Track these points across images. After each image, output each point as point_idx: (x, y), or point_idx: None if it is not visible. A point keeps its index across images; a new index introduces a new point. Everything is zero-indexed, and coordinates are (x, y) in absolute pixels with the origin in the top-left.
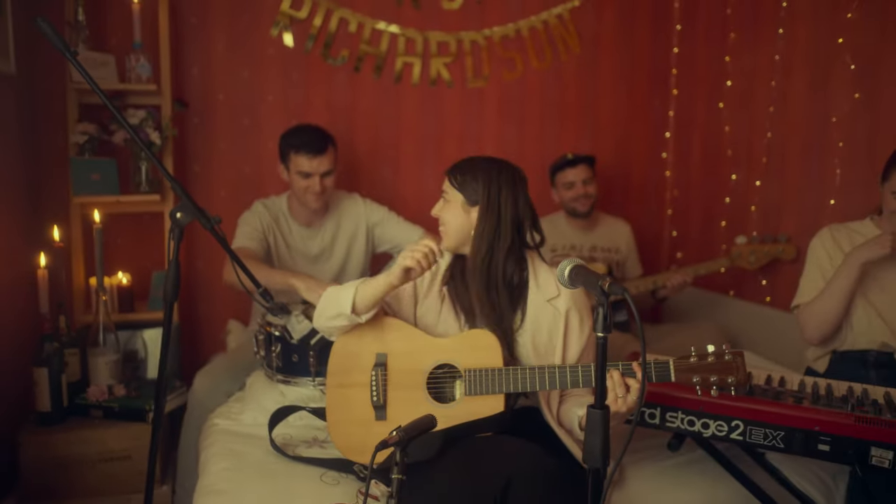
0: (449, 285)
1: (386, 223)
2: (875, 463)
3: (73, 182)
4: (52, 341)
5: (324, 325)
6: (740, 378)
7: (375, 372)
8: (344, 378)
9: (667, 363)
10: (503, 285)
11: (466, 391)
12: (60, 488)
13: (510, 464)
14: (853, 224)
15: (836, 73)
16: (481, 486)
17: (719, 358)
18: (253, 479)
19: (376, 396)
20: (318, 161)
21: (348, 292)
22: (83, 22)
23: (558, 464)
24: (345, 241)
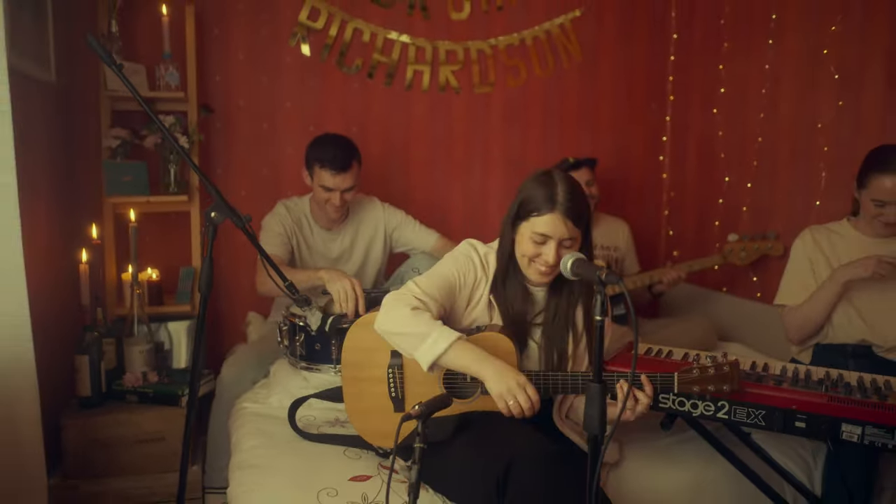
0: (496, 293)
1: (403, 227)
2: (846, 438)
3: (106, 183)
4: (92, 331)
5: (384, 334)
6: (734, 386)
7: (392, 369)
8: (359, 371)
9: (671, 377)
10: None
11: (483, 390)
12: (100, 467)
13: (513, 446)
14: (832, 225)
15: (822, 82)
16: (487, 466)
17: (718, 370)
18: (283, 454)
19: (394, 392)
20: (342, 178)
21: (436, 346)
22: (116, 34)
23: (558, 448)
24: (364, 243)
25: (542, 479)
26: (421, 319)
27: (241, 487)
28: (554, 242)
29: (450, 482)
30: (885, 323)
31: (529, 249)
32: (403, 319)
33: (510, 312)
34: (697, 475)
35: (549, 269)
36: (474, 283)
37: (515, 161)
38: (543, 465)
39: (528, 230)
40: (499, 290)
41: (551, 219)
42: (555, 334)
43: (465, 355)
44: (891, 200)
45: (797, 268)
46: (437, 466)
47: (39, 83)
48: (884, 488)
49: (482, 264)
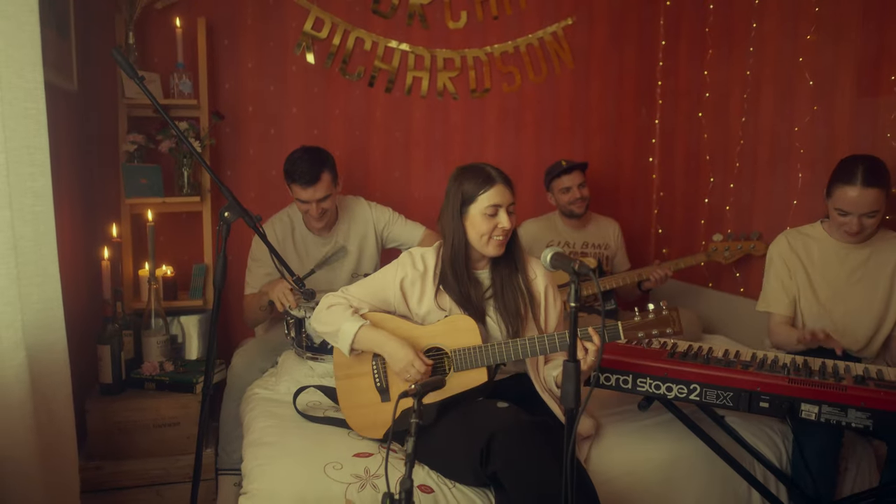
0: (445, 284)
1: (392, 224)
2: (804, 416)
3: (125, 186)
4: (113, 323)
5: (319, 333)
6: (676, 328)
7: (375, 361)
8: (349, 370)
9: (616, 325)
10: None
11: (455, 368)
12: (120, 449)
13: (493, 421)
14: (806, 228)
15: (798, 88)
16: (471, 440)
17: (658, 314)
18: (292, 434)
19: (379, 382)
20: (313, 190)
21: (349, 329)
22: (133, 45)
23: (534, 420)
24: (356, 244)
25: (521, 447)
26: (334, 314)
27: (254, 462)
28: (503, 210)
29: (439, 459)
30: (857, 327)
31: (485, 226)
32: (322, 317)
33: (463, 296)
34: (672, 453)
35: (505, 235)
36: (403, 279)
37: (510, 163)
38: (522, 435)
39: (479, 210)
40: (448, 280)
41: (497, 190)
42: (507, 302)
43: (371, 339)
44: (852, 211)
45: (776, 273)
46: (426, 446)
47: (63, 92)
48: (847, 468)
49: (413, 263)
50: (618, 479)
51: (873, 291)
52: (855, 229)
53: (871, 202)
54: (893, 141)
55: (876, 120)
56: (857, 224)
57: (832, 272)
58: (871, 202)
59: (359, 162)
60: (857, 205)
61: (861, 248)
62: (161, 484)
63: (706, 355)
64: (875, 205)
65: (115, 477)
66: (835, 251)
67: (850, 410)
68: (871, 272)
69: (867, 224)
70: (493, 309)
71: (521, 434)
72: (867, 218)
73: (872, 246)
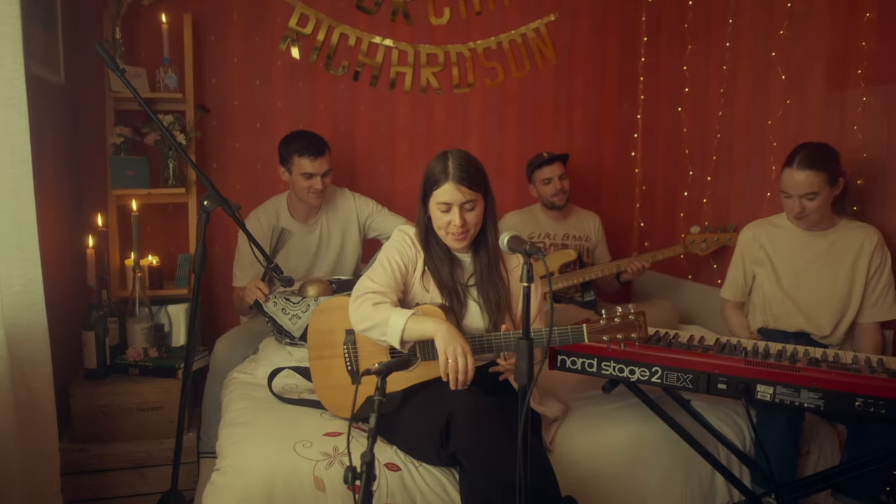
0: (429, 264)
1: (375, 215)
2: (760, 397)
3: (111, 177)
4: (98, 309)
5: (361, 332)
6: (642, 334)
7: (347, 345)
8: (322, 351)
9: (581, 329)
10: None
11: (422, 357)
12: (104, 432)
13: (451, 403)
14: (773, 218)
15: (771, 82)
16: (431, 421)
17: (624, 318)
18: (266, 414)
19: (350, 365)
20: (320, 162)
21: (398, 322)
22: (120, 40)
23: (490, 401)
24: (339, 233)
25: (478, 427)
26: (381, 311)
27: (228, 440)
28: (456, 207)
29: (404, 439)
30: (820, 314)
31: (440, 219)
32: (368, 315)
33: (442, 278)
34: (637, 436)
35: (459, 232)
36: (415, 259)
37: (493, 157)
38: (480, 415)
39: (434, 203)
40: (431, 260)
41: (448, 188)
42: (489, 289)
43: (422, 323)
44: (791, 193)
45: (737, 264)
46: (393, 426)
47: (50, 85)
48: (810, 451)
49: (412, 243)
50: (582, 461)
51: (835, 279)
52: (796, 210)
53: (806, 184)
54: (860, 133)
55: (844, 112)
56: (799, 206)
57: (795, 259)
58: (807, 184)
59: (344, 155)
60: (794, 186)
61: (824, 236)
62: (144, 466)
63: (669, 340)
64: (811, 187)
65: (100, 459)
66: (798, 239)
67: (803, 391)
68: (834, 260)
69: (808, 207)
70: (476, 296)
71: (479, 414)
72: (807, 200)
73: (836, 234)
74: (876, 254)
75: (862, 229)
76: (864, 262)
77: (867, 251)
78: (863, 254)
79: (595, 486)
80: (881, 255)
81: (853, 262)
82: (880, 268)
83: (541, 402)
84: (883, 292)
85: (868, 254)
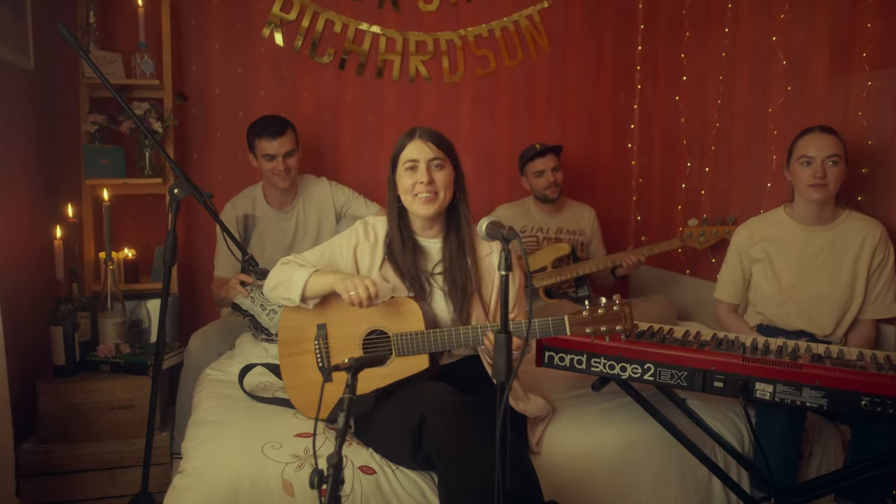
0: (390, 254)
1: (351, 202)
2: (759, 396)
3: (85, 166)
4: (67, 303)
5: (273, 299)
6: (627, 326)
7: (318, 341)
8: (293, 348)
9: (562, 319)
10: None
11: (396, 353)
12: (73, 432)
13: (425, 402)
14: (769, 214)
15: (772, 68)
16: (404, 422)
17: (608, 309)
18: (237, 413)
19: (321, 362)
20: (279, 142)
21: (300, 278)
22: (94, 24)
23: (466, 400)
24: (315, 220)
25: (452, 429)
26: (287, 268)
27: (193, 441)
28: (423, 164)
29: (378, 441)
30: (822, 313)
31: (407, 182)
32: (275, 274)
33: (404, 267)
34: (628, 437)
35: (428, 192)
36: (356, 248)
37: (485, 148)
38: (453, 416)
39: (402, 169)
40: (393, 249)
41: (414, 144)
42: (455, 278)
43: (324, 279)
44: (815, 155)
45: (730, 263)
46: (367, 428)
47: (18, 71)
48: (812, 453)
49: (366, 233)
50: (570, 462)
51: (837, 276)
52: (819, 175)
53: (831, 145)
54: (865, 119)
55: (848, 97)
56: (822, 170)
57: (795, 256)
58: (832, 145)
59: (328, 145)
60: (819, 147)
61: (825, 231)
62: (115, 468)
63: (663, 335)
64: (836, 148)
65: (68, 461)
66: (798, 234)
67: (805, 389)
68: (835, 256)
69: (830, 173)
70: (442, 283)
71: (452, 415)
72: (830, 164)
73: (837, 228)
74: (879, 249)
75: (864, 223)
76: (865, 257)
77: (869, 246)
78: (865, 249)
79: (583, 490)
80: (884, 250)
81: (855, 258)
82: (882, 263)
83: (525, 397)
84: (884, 289)
85: (870, 249)
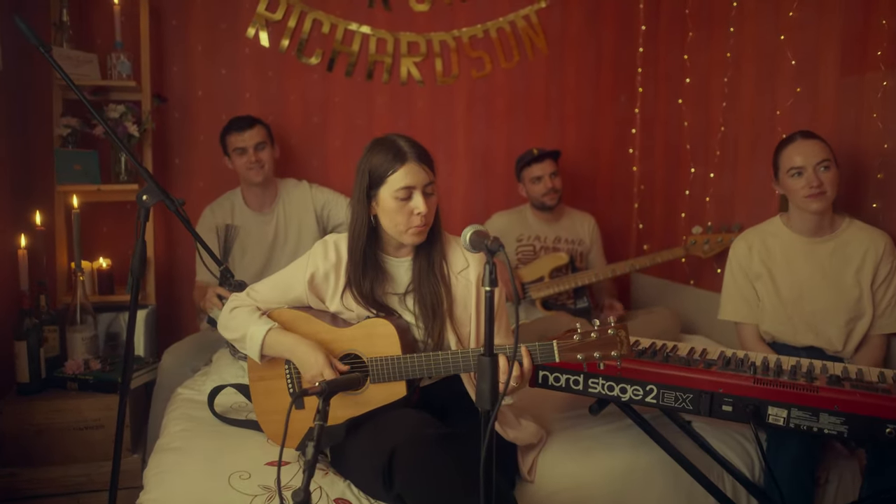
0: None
1: (332, 203)
2: (772, 421)
3: (57, 171)
4: (31, 317)
5: (229, 341)
6: (624, 350)
7: (289, 365)
8: (263, 372)
9: (550, 345)
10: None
11: (371, 379)
12: (38, 454)
13: (395, 436)
14: (765, 225)
15: (780, 69)
16: (373, 457)
17: (602, 333)
18: (205, 438)
19: (292, 388)
20: (249, 134)
21: (257, 333)
22: (67, 22)
23: (439, 433)
24: (295, 223)
25: (423, 465)
26: (238, 317)
27: (155, 469)
28: (419, 192)
29: (353, 474)
30: (829, 328)
31: (399, 213)
32: (227, 323)
33: (364, 292)
34: (629, 462)
35: (423, 221)
36: (314, 274)
37: (480, 154)
38: (424, 451)
39: (390, 193)
40: (355, 275)
41: (408, 169)
42: (423, 296)
43: (280, 343)
44: (805, 163)
45: (736, 281)
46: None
47: None
48: (829, 480)
49: (325, 254)
50: (565, 491)
51: (840, 288)
52: (814, 184)
53: (818, 150)
54: (880, 121)
55: (861, 98)
56: (816, 178)
57: (797, 270)
58: (819, 150)
59: (316, 149)
60: (807, 154)
61: (825, 242)
62: (82, 492)
63: (666, 353)
64: (824, 152)
65: (32, 485)
66: (798, 247)
67: (823, 414)
68: (838, 267)
69: (825, 180)
70: (412, 304)
71: (423, 450)
72: (823, 171)
73: (837, 239)
74: (883, 262)
75: (867, 233)
76: (868, 269)
77: (872, 258)
78: (867, 261)
79: None
80: (890, 262)
81: (857, 270)
82: (888, 277)
83: (516, 423)
84: (891, 302)
85: (873, 261)
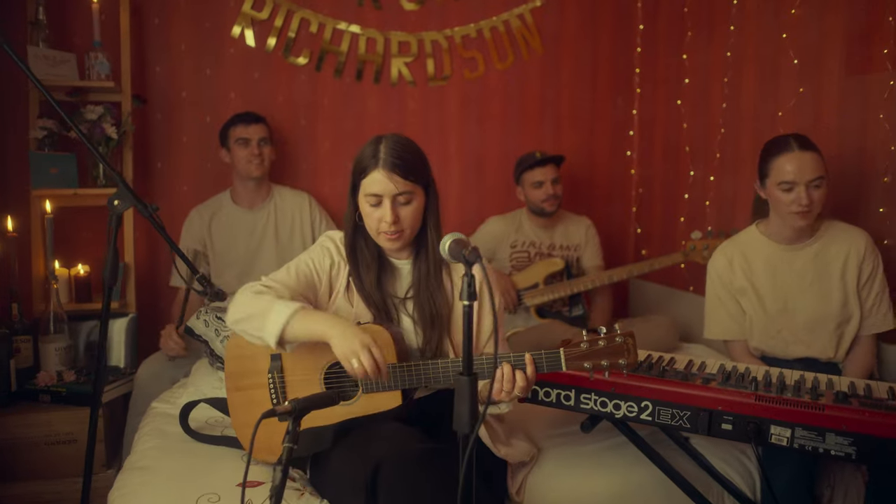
0: (353, 275)
1: (324, 227)
2: (775, 441)
3: (32, 175)
4: (2, 327)
5: (233, 326)
6: (631, 359)
7: (272, 374)
8: (242, 381)
9: (557, 353)
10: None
11: (364, 389)
12: (6, 470)
13: (379, 447)
14: (740, 235)
15: (782, 68)
16: (356, 471)
17: (610, 341)
18: (173, 456)
19: (276, 399)
20: (254, 128)
21: (279, 314)
22: (44, 20)
23: (425, 448)
24: (286, 227)
25: (405, 483)
26: (263, 299)
27: (119, 490)
28: (388, 200)
29: (331, 490)
30: (819, 337)
31: (370, 216)
32: (246, 303)
33: (365, 289)
34: (623, 481)
35: (391, 231)
36: (331, 268)
37: (473, 156)
38: (414, 467)
39: (363, 196)
40: (353, 268)
41: (377, 176)
42: (423, 303)
43: (311, 320)
44: (798, 180)
45: (719, 297)
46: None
47: None
48: (833, 499)
49: (337, 249)
50: None
51: (827, 294)
52: (804, 202)
53: (814, 166)
54: (887, 122)
55: (867, 99)
56: (807, 196)
57: (781, 281)
58: (815, 166)
59: (305, 152)
60: (802, 170)
61: (806, 247)
62: None
63: (663, 367)
64: (819, 170)
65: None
66: (778, 255)
67: (829, 435)
68: (820, 273)
69: (815, 198)
70: (412, 310)
71: (413, 466)
72: (814, 188)
73: (818, 241)
74: (866, 261)
75: (847, 233)
76: (852, 271)
77: (854, 259)
78: (850, 262)
79: None
80: (871, 261)
81: (841, 273)
82: (871, 275)
83: (507, 441)
84: (876, 301)
85: (856, 262)
